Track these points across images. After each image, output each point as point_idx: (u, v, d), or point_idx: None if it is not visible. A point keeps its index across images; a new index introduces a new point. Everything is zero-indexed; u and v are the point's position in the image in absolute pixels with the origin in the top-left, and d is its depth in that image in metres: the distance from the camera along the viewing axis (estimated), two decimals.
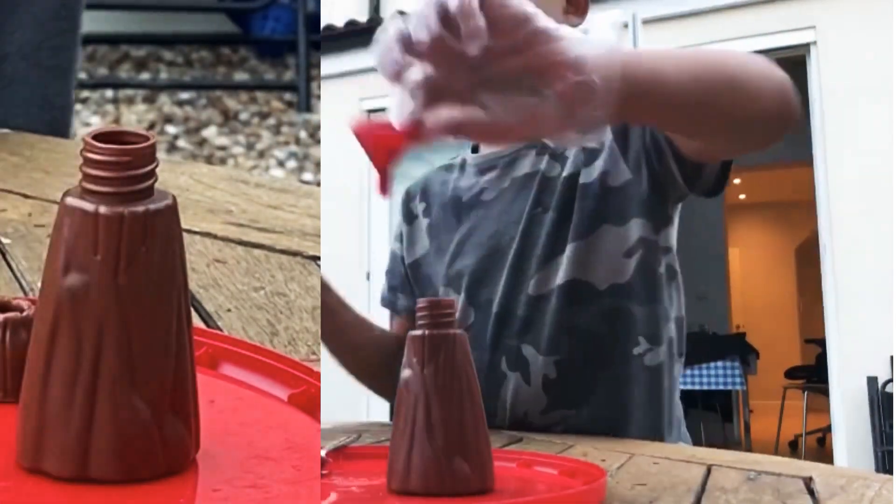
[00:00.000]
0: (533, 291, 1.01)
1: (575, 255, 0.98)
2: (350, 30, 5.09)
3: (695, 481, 0.65)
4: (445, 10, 0.48)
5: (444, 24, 0.48)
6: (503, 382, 1.00)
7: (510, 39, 0.49)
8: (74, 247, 0.44)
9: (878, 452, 3.59)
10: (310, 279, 0.82)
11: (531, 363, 0.99)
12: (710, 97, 0.67)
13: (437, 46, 0.49)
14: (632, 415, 0.98)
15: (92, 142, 0.45)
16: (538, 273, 1.01)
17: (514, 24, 0.49)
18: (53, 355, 0.45)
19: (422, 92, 0.50)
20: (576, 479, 0.61)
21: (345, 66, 5.00)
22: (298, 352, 0.69)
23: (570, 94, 0.50)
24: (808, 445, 5.20)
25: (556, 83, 0.50)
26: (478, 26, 0.48)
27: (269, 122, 3.82)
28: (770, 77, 0.72)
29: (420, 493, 0.56)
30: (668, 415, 1.01)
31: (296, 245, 0.89)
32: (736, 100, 0.70)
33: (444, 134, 0.50)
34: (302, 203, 1.01)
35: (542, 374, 0.99)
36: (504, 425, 1.00)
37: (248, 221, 0.94)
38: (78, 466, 0.45)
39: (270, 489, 0.47)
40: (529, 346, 1.00)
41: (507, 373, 1.00)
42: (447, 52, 0.49)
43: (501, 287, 1.02)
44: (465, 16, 0.48)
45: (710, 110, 0.68)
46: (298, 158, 3.67)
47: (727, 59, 0.71)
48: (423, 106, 0.50)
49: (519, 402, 1.00)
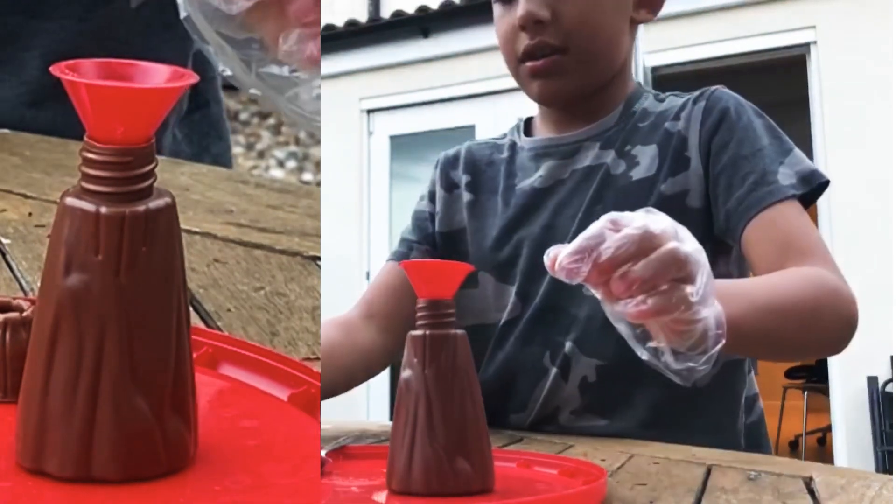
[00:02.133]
0: (587, 291, 0.99)
1: None
2: (350, 30, 5.09)
3: (695, 481, 0.65)
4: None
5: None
6: (542, 377, 0.98)
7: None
8: (75, 247, 0.44)
9: (878, 452, 3.59)
10: (310, 279, 0.82)
11: (573, 362, 0.97)
12: (779, 344, 0.82)
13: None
14: (668, 434, 0.91)
15: (92, 142, 0.45)
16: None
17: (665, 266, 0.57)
18: (54, 355, 0.45)
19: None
20: (576, 479, 0.61)
21: (345, 65, 5.00)
22: (298, 352, 0.69)
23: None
24: (809, 445, 5.20)
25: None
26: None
27: (269, 122, 3.82)
28: (839, 311, 0.84)
29: (421, 493, 0.56)
30: (722, 431, 0.97)
31: (296, 245, 0.89)
32: (804, 341, 0.84)
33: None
34: (302, 203, 1.01)
35: (582, 376, 0.96)
36: (528, 420, 0.98)
37: (248, 221, 0.94)
38: (79, 466, 0.45)
39: (270, 489, 0.47)
40: (574, 345, 0.97)
41: (549, 367, 0.98)
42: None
43: (550, 281, 0.99)
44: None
45: (776, 351, 0.85)
46: (298, 158, 3.67)
47: (804, 298, 0.82)
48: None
49: (552, 399, 0.97)
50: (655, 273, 0.56)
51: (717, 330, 0.59)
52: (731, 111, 0.97)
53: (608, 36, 1.01)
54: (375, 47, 5.05)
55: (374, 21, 5.24)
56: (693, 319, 0.57)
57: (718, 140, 0.96)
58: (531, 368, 0.99)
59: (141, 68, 0.46)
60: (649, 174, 0.98)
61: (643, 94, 1.07)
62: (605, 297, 0.59)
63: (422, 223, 1.12)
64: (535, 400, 0.98)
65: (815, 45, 4.03)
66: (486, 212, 1.08)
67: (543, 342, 0.99)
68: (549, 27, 0.98)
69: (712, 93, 1.01)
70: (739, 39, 4.10)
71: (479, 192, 1.09)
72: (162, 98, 0.45)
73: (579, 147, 1.04)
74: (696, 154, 0.97)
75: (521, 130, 1.12)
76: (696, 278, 0.57)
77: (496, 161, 1.11)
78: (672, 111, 1.02)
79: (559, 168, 1.04)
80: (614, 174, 1.00)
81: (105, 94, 0.43)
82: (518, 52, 1.01)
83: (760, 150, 0.94)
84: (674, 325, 0.58)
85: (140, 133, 0.45)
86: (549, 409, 0.98)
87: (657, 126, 1.01)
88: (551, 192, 1.04)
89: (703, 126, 0.98)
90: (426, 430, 0.57)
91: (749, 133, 0.96)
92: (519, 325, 1.01)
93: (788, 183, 0.91)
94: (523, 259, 1.02)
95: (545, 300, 1.00)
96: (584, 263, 0.57)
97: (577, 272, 0.57)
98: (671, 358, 0.60)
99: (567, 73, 1.00)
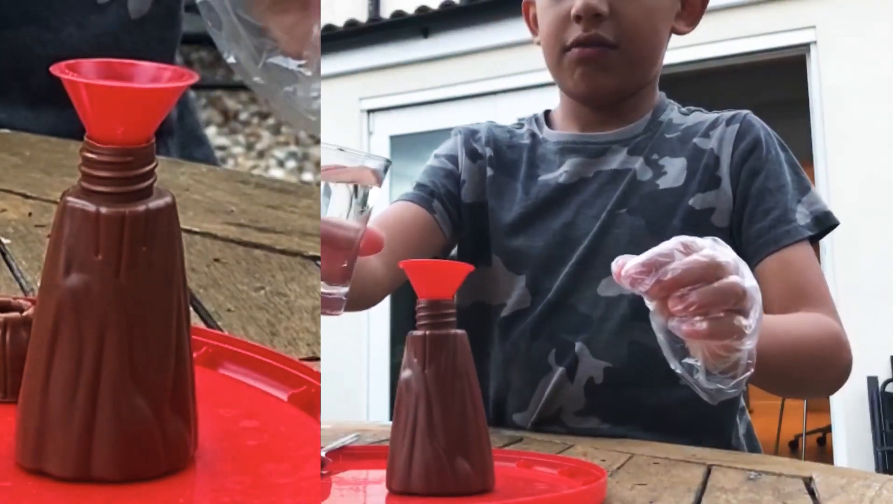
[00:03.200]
0: (602, 292, 0.98)
1: None
2: (350, 30, 5.09)
3: (695, 481, 0.65)
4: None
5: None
6: (546, 374, 0.98)
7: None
8: (75, 247, 0.44)
9: (878, 452, 3.59)
10: (310, 279, 0.82)
11: (581, 362, 0.97)
12: (790, 380, 0.91)
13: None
14: (672, 440, 0.92)
15: (92, 142, 0.45)
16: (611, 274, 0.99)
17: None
18: (54, 355, 0.45)
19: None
20: (576, 479, 0.61)
21: (345, 65, 5.00)
22: (298, 352, 0.69)
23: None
24: (809, 445, 5.20)
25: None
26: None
27: (269, 122, 3.82)
28: (841, 359, 0.91)
29: (421, 492, 0.56)
30: (725, 438, 0.99)
31: (296, 245, 0.89)
32: (809, 382, 0.93)
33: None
34: (302, 203, 1.01)
35: (589, 377, 0.96)
36: (530, 420, 0.98)
37: (248, 221, 0.94)
38: (79, 466, 0.45)
39: (270, 489, 0.47)
40: (584, 346, 0.97)
41: (554, 366, 0.98)
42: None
43: (564, 278, 0.99)
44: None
45: (784, 386, 0.95)
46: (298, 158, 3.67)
47: (817, 345, 0.89)
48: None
49: (557, 399, 0.97)
50: (714, 300, 0.60)
51: (748, 360, 0.64)
52: (763, 141, 1.00)
53: (657, 40, 1.03)
54: (375, 47, 5.05)
55: (374, 21, 5.24)
56: (737, 349, 0.62)
57: (748, 168, 0.99)
58: (535, 365, 0.99)
59: (141, 68, 0.46)
60: (676, 185, 1.00)
61: (668, 105, 1.08)
62: (659, 310, 0.62)
63: (438, 178, 1.08)
64: (539, 398, 0.98)
65: (815, 45, 4.03)
66: (504, 194, 1.07)
67: (550, 339, 0.99)
68: (604, 22, 0.98)
69: (744, 117, 1.03)
70: (739, 39, 4.10)
71: (499, 171, 1.08)
72: (162, 98, 0.45)
73: (607, 149, 1.04)
74: (728, 176, 0.99)
75: (541, 123, 1.11)
76: (749, 313, 0.61)
77: (516, 145, 1.10)
78: (701, 127, 1.03)
79: (584, 166, 1.04)
80: (641, 180, 1.01)
81: (105, 94, 0.43)
82: (566, 43, 1.00)
83: (784, 186, 0.98)
84: (719, 349, 0.62)
85: (140, 133, 0.45)
86: (552, 408, 0.98)
87: (685, 140, 1.03)
88: (574, 189, 1.04)
89: (735, 149, 1.00)
90: (426, 430, 0.57)
91: (776, 167, 0.99)
92: (527, 319, 1.00)
93: (804, 223, 0.96)
94: (537, 251, 1.02)
95: (558, 296, 0.99)
96: (650, 277, 0.60)
97: (640, 283, 0.60)
98: (703, 377, 0.64)
99: (613, 69, 1.00)
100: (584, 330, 0.98)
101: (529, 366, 0.99)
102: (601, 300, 0.98)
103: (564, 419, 0.97)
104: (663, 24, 1.03)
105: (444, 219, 1.05)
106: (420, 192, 1.06)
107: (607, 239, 0.99)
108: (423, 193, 1.06)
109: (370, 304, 1.02)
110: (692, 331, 0.60)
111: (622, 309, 0.97)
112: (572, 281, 1.00)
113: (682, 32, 1.06)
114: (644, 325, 0.95)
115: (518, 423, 1.00)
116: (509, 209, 1.05)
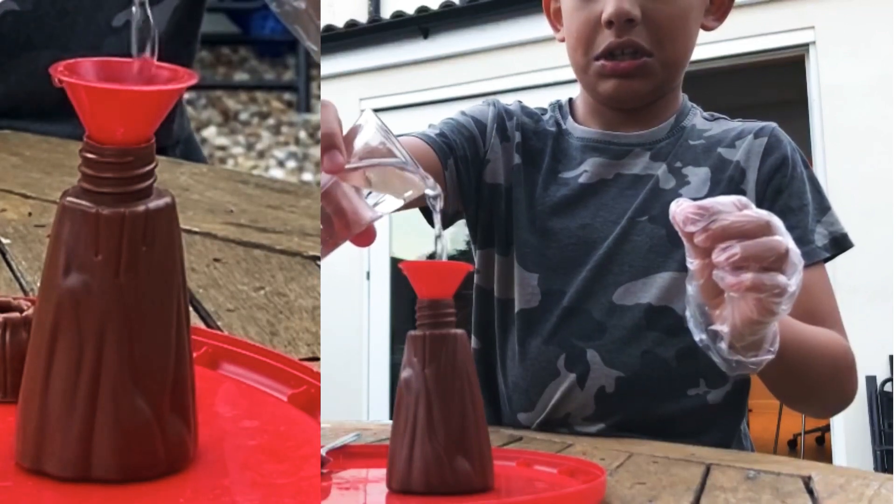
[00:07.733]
0: (618, 300, 0.97)
1: (678, 284, 0.93)
2: (350, 30, 5.09)
3: (694, 480, 0.65)
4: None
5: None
6: (555, 379, 0.97)
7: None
8: (75, 247, 0.45)
9: (876, 451, 3.59)
10: (310, 279, 0.82)
11: (592, 370, 0.95)
12: (802, 383, 0.89)
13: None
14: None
15: (92, 142, 0.45)
16: (629, 283, 0.96)
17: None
18: (54, 356, 0.45)
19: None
20: (575, 478, 0.61)
21: (344, 66, 5.00)
22: (298, 352, 0.70)
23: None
24: (807, 445, 5.20)
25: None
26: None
27: (269, 122, 3.82)
28: (851, 379, 0.92)
29: (421, 491, 0.57)
30: (729, 446, 0.97)
31: (296, 245, 0.89)
32: (820, 390, 0.91)
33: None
34: (302, 203, 1.01)
35: (600, 386, 0.95)
36: (536, 421, 0.98)
37: (248, 221, 0.94)
38: (79, 467, 0.45)
39: (270, 489, 0.47)
40: (595, 353, 0.96)
41: (563, 371, 0.96)
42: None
43: (579, 283, 0.98)
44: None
45: (796, 388, 0.90)
46: (298, 158, 3.67)
47: (833, 355, 0.90)
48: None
49: (565, 404, 0.96)
50: (756, 254, 0.61)
51: (772, 343, 0.65)
52: (790, 158, 0.99)
53: (690, 41, 1.00)
54: (375, 48, 5.05)
55: (374, 21, 5.24)
56: (774, 311, 0.63)
57: (774, 185, 0.98)
58: (544, 368, 0.97)
59: (140, 67, 0.46)
60: (699, 195, 0.97)
61: (691, 109, 1.06)
62: (699, 270, 0.64)
63: (461, 138, 1.03)
64: (546, 402, 0.97)
65: (815, 45, 4.02)
66: (526, 185, 1.04)
67: (561, 344, 0.97)
68: (637, 27, 0.95)
69: (772, 131, 1.01)
70: (739, 39, 4.09)
71: (525, 160, 1.05)
72: (161, 99, 0.45)
73: (629, 151, 1.02)
74: (753, 191, 0.98)
75: (565, 112, 1.08)
76: (790, 275, 0.63)
77: (541, 133, 1.07)
78: (727, 138, 1.02)
79: (605, 167, 1.02)
80: (663, 188, 0.99)
81: (104, 95, 0.43)
82: (597, 49, 0.97)
83: (805, 206, 0.97)
84: (756, 310, 0.63)
85: (140, 134, 0.45)
86: (559, 412, 0.97)
87: (710, 149, 1.01)
88: (594, 190, 1.01)
89: (762, 164, 0.99)
90: (426, 430, 0.57)
91: (799, 185, 0.98)
92: (539, 320, 0.99)
93: (822, 244, 0.96)
94: (552, 250, 1.00)
95: (572, 301, 0.98)
96: (703, 219, 0.62)
97: (692, 222, 0.62)
98: (726, 346, 0.66)
99: (650, 75, 0.98)
100: (597, 337, 0.96)
101: (538, 368, 0.98)
102: (616, 308, 0.96)
103: (572, 423, 0.97)
104: (695, 23, 1.00)
105: (451, 180, 1.00)
106: (440, 141, 1.00)
107: (626, 246, 0.97)
108: (443, 145, 1.00)
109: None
110: (736, 282, 0.61)
111: (636, 318, 0.95)
112: (588, 286, 0.98)
113: (710, 28, 1.04)
114: (657, 336, 0.96)
115: (523, 423, 0.99)
116: (528, 203, 1.02)
